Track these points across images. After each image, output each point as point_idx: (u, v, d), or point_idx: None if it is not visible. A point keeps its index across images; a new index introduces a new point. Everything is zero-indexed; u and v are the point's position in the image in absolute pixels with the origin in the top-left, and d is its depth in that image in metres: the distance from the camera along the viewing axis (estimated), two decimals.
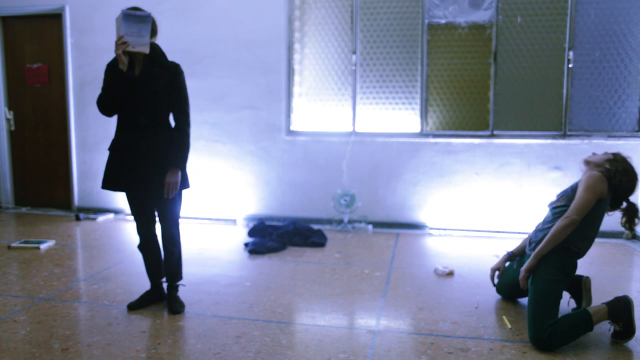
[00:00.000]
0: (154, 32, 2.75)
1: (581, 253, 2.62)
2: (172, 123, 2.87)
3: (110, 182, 2.80)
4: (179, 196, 2.87)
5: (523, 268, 2.67)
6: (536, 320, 2.45)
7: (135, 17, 2.59)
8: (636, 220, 2.68)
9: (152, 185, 2.76)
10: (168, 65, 2.78)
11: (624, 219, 2.70)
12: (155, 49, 2.77)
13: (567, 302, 2.96)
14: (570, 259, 2.61)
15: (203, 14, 5.23)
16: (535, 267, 2.62)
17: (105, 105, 2.72)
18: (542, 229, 2.76)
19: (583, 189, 2.58)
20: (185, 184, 2.87)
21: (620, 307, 2.49)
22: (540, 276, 2.58)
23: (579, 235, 2.58)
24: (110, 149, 2.81)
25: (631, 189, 2.66)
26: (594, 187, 2.56)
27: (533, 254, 2.63)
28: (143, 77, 2.71)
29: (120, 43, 2.58)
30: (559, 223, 2.57)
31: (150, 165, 2.75)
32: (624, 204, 2.71)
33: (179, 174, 2.79)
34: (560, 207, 2.70)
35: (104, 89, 2.72)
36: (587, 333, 2.53)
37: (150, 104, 2.74)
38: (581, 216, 2.55)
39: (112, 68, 2.73)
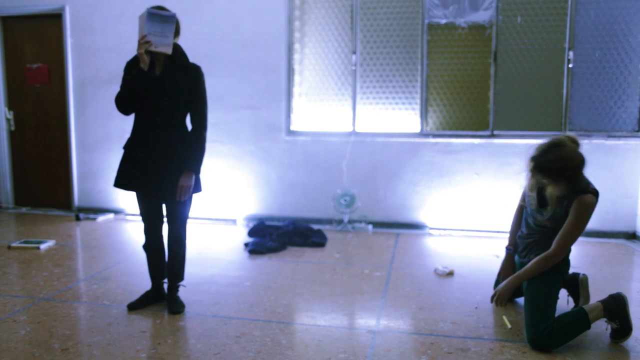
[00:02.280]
0: (177, 32, 2.71)
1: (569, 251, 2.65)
2: (189, 125, 2.85)
3: (123, 181, 2.79)
4: (189, 199, 2.86)
5: (504, 284, 2.66)
6: (534, 323, 2.45)
7: (159, 17, 2.55)
8: None
9: (165, 186, 2.75)
10: (189, 67, 2.76)
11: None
12: (177, 50, 2.74)
13: (566, 302, 2.97)
14: (563, 260, 2.63)
15: (203, 14, 5.23)
16: (506, 294, 2.63)
17: (124, 103, 2.70)
18: (527, 239, 2.74)
19: (575, 224, 2.47)
20: (197, 187, 2.86)
21: (615, 305, 2.49)
22: (536, 278, 2.58)
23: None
24: (125, 147, 2.80)
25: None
26: (585, 220, 2.48)
27: (515, 276, 2.62)
28: (163, 77, 2.69)
29: (143, 42, 2.54)
30: (543, 259, 2.53)
31: (164, 166, 2.73)
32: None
33: (193, 177, 2.79)
34: (545, 226, 2.63)
35: (122, 87, 2.69)
36: (585, 332, 2.53)
37: (169, 105, 2.72)
38: (566, 250, 2.55)
39: (132, 66, 2.71)
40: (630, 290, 3.33)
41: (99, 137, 5.59)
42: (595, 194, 2.51)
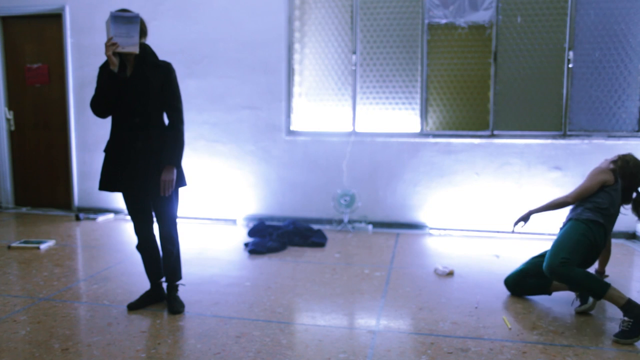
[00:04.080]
0: (143, 32, 2.76)
1: (607, 227, 2.91)
2: (166, 122, 2.87)
3: (107, 183, 2.81)
4: (175, 195, 2.88)
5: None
6: (553, 252, 2.76)
7: (123, 19, 2.61)
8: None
9: (148, 184, 2.77)
10: (159, 65, 2.80)
11: (632, 207, 3.12)
12: (146, 49, 2.78)
13: (571, 302, 2.99)
14: (597, 227, 2.86)
15: (203, 14, 5.23)
16: (526, 218, 3.14)
17: (99, 106, 2.74)
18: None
19: (585, 178, 3.02)
20: (181, 181, 2.88)
21: (638, 309, 2.52)
22: (569, 229, 2.87)
23: (600, 213, 2.90)
24: (105, 150, 2.83)
25: (632, 176, 3.07)
26: (594, 176, 2.98)
27: (534, 209, 3.12)
28: (135, 77, 2.73)
29: (109, 44, 2.60)
30: (558, 197, 3.07)
31: (145, 164, 2.76)
32: (635, 195, 3.13)
33: (174, 171, 2.80)
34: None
35: (96, 90, 2.74)
36: (596, 303, 2.82)
37: (143, 104, 2.74)
38: (576, 199, 2.99)
39: (104, 70, 2.74)
40: (630, 290, 3.33)
41: (99, 137, 5.59)
42: (614, 171, 3.03)
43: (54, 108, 5.74)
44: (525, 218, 3.14)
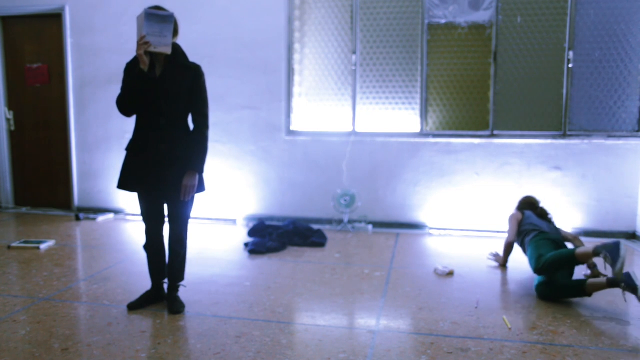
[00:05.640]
0: (175, 32, 2.69)
1: (549, 232, 3.49)
2: (191, 125, 2.85)
3: (127, 182, 2.78)
4: (192, 199, 2.85)
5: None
6: (530, 261, 3.27)
7: (157, 17, 2.53)
8: (549, 215, 3.76)
9: (169, 186, 2.74)
10: (189, 67, 2.75)
11: (538, 216, 3.76)
12: (177, 50, 2.73)
13: (622, 296, 3.13)
14: (543, 234, 3.44)
15: (203, 14, 5.23)
16: (504, 265, 3.88)
17: (125, 105, 2.70)
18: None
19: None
20: (201, 187, 2.86)
21: (607, 246, 2.93)
22: (529, 247, 3.41)
23: (536, 230, 3.54)
24: (127, 149, 2.79)
25: (528, 205, 3.86)
26: (510, 222, 3.77)
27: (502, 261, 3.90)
28: (164, 78, 2.68)
29: (142, 43, 2.53)
30: (505, 242, 3.81)
31: (167, 166, 2.73)
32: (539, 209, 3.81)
33: (197, 177, 2.78)
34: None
35: (123, 89, 2.68)
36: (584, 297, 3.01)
37: (170, 105, 2.71)
38: (513, 237, 3.71)
39: (132, 68, 2.69)
40: None
41: (99, 137, 5.59)
42: (520, 209, 3.89)
43: (54, 108, 5.74)
44: (504, 265, 3.86)
